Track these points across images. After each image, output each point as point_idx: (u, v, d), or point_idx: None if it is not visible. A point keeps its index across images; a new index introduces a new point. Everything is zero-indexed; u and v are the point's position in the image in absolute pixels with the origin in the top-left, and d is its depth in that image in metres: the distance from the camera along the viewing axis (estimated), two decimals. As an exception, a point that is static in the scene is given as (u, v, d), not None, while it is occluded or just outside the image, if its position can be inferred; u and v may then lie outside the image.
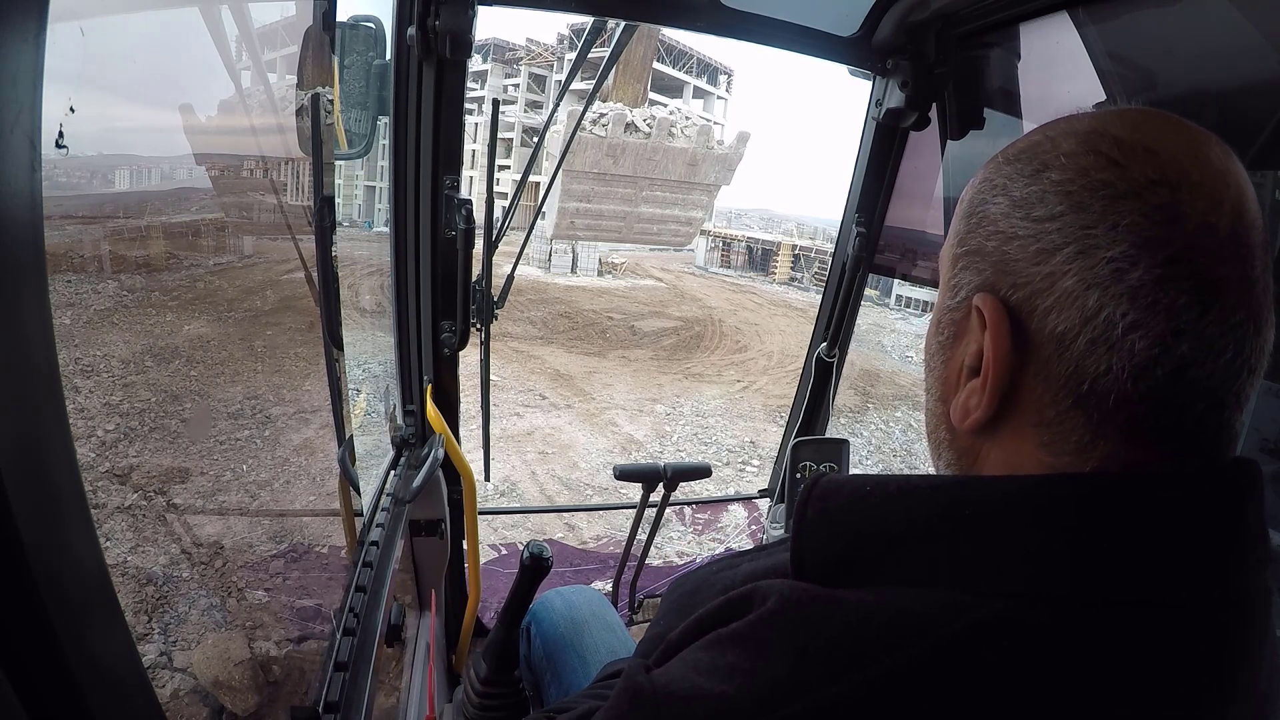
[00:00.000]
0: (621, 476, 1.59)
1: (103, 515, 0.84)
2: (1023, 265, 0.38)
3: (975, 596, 0.34)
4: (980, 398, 0.40)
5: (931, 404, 0.47)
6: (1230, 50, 0.96)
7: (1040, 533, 0.35)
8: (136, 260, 0.88)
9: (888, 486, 0.40)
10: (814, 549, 0.41)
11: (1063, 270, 0.36)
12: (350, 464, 1.02)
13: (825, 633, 0.35)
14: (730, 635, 0.38)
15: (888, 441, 10.46)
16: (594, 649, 1.04)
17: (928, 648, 0.33)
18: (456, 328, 1.30)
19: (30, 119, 0.26)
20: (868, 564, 0.38)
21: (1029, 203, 0.38)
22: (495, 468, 7.44)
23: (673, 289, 22.47)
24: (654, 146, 11.44)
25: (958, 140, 1.46)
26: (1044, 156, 0.39)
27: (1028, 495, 0.37)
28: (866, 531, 0.39)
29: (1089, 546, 0.35)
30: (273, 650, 1.00)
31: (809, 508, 0.41)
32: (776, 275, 27.27)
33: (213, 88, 0.82)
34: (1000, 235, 0.40)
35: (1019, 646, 0.33)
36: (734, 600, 0.41)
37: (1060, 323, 0.36)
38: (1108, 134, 0.37)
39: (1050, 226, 0.37)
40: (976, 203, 0.43)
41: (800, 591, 0.38)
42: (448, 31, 1.07)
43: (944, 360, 0.45)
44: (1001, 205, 0.40)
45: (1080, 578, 0.34)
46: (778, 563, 0.49)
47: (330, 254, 0.91)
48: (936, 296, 0.48)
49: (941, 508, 0.38)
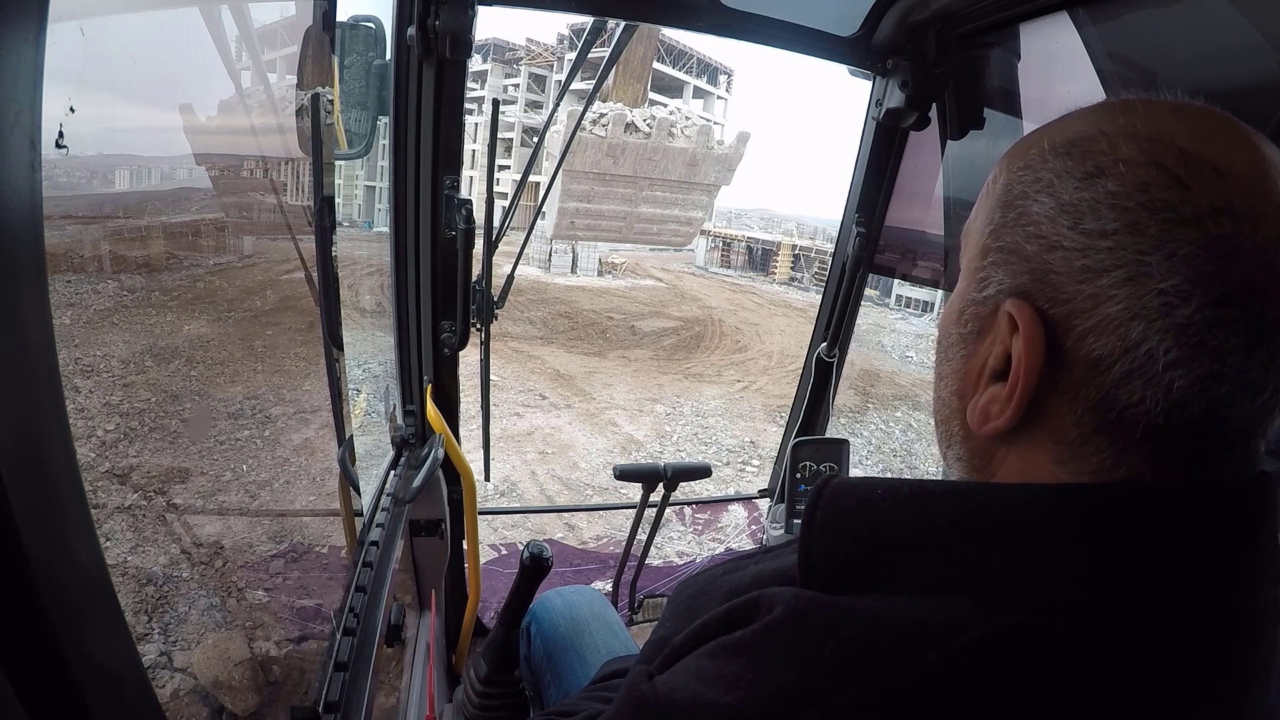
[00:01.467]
0: (621, 476, 1.59)
1: (103, 515, 0.84)
2: (1065, 280, 0.36)
3: (988, 606, 0.34)
4: (1003, 407, 0.38)
5: (945, 395, 0.45)
6: (1230, 50, 0.96)
7: (1057, 543, 0.34)
8: (136, 260, 0.88)
9: (900, 490, 0.39)
10: (822, 553, 0.40)
11: (1108, 294, 0.34)
12: (350, 464, 1.02)
13: (832, 642, 0.34)
14: (735, 643, 0.37)
15: (888, 441, 10.46)
16: (594, 649, 1.04)
17: (939, 659, 0.32)
18: (456, 328, 1.30)
19: (30, 119, 0.26)
20: (877, 570, 0.37)
21: (1079, 211, 0.36)
22: (495, 468, 7.44)
23: (673, 289, 22.46)
24: (654, 146, 11.44)
25: (958, 140, 1.46)
26: (1100, 159, 0.36)
27: (1046, 504, 0.36)
28: (877, 536, 0.38)
29: (1109, 558, 0.34)
30: (273, 650, 1.00)
31: (818, 510, 0.40)
32: (776, 275, 27.27)
33: (213, 88, 0.82)
34: (1042, 241, 0.37)
35: (1033, 659, 0.33)
36: (738, 607, 0.40)
37: (1098, 348, 0.35)
38: (1173, 144, 0.35)
39: (1101, 244, 0.35)
40: (1016, 193, 0.40)
41: (807, 600, 0.37)
42: (448, 31, 1.07)
43: (964, 354, 0.43)
44: (1046, 206, 0.37)
45: (1098, 589, 0.33)
46: (784, 565, 0.48)
47: (330, 254, 0.91)
48: (960, 278, 0.45)
49: (956, 514, 0.37)
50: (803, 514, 0.41)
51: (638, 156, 11.44)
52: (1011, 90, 1.41)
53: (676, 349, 15.21)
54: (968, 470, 0.44)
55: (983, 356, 0.41)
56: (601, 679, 0.78)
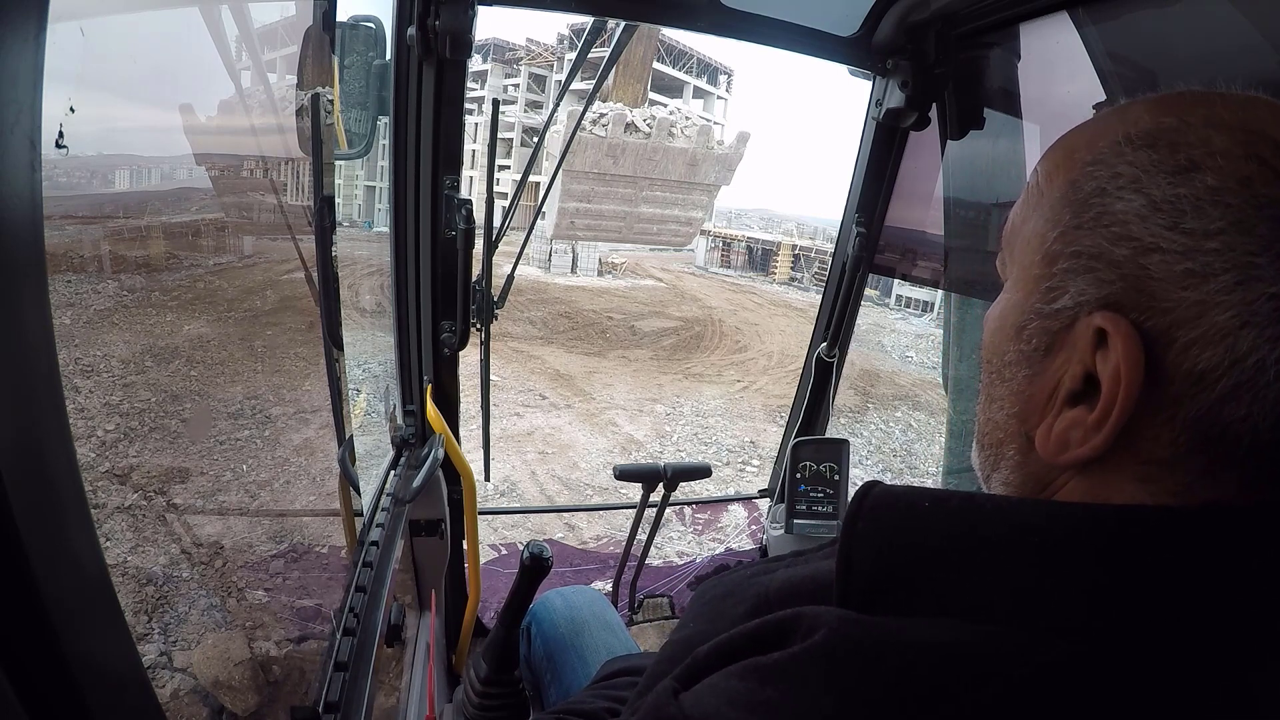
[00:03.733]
0: (621, 476, 1.59)
1: (103, 515, 0.85)
2: (1166, 287, 0.32)
3: (1040, 635, 0.31)
4: (1088, 434, 0.35)
5: (999, 418, 0.41)
6: (1230, 50, 0.96)
7: (1119, 568, 0.32)
8: (136, 260, 0.89)
9: (947, 503, 0.36)
10: (863, 569, 0.37)
11: (1216, 300, 0.31)
12: (350, 464, 1.02)
13: (876, 673, 0.32)
14: (771, 667, 0.34)
15: (888, 441, 10.46)
16: (594, 649, 1.04)
17: (990, 696, 0.30)
18: (456, 328, 1.30)
19: (30, 119, 0.26)
20: (922, 588, 0.35)
21: (1177, 209, 0.33)
22: (495, 468, 7.44)
23: (673, 289, 22.47)
24: (654, 146, 11.46)
25: (958, 140, 1.46)
26: (1191, 152, 0.33)
27: (1106, 526, 0.33)
28: (922, 552, 0.36)
29: (1179, 586, 0.31)
30: (273, 650, 1.00)
31: (859, 521, 0.38)
32: (776, 275, 27.28)
33: (213, 88, 0.82)
34: (1134, 243, 0.34)
35: (1089, 693, 0.30)
36: (771, 626, 0.37)
37: (1202, 361, 0.32)
38: (1266, 135, 0.32)
39: (1207, 245, 0.32)
40: (1089, 190, 0.36)
41: (850, 624, 0.34)
42: (448, 31, 1.07)
43: (1028, 375, 0.39)
44: (1135, 204, 0.34)
45: (1160, 620, 0.31)
46: (817, 572, 0.44)
47: (330, 254, 0.91)
48: (1011, 288, 0.41)
49: (1007, 531, 0.34)
50: (843, 524, 0.38)
51: (638, 156, 11.45)
52: (1011, 90, 1.41)
53: (676, 349, 15.22)
54: (1015, 494, 0.41)
55: (1054, 376, 0.37)
56: (603, 678, 0.78)
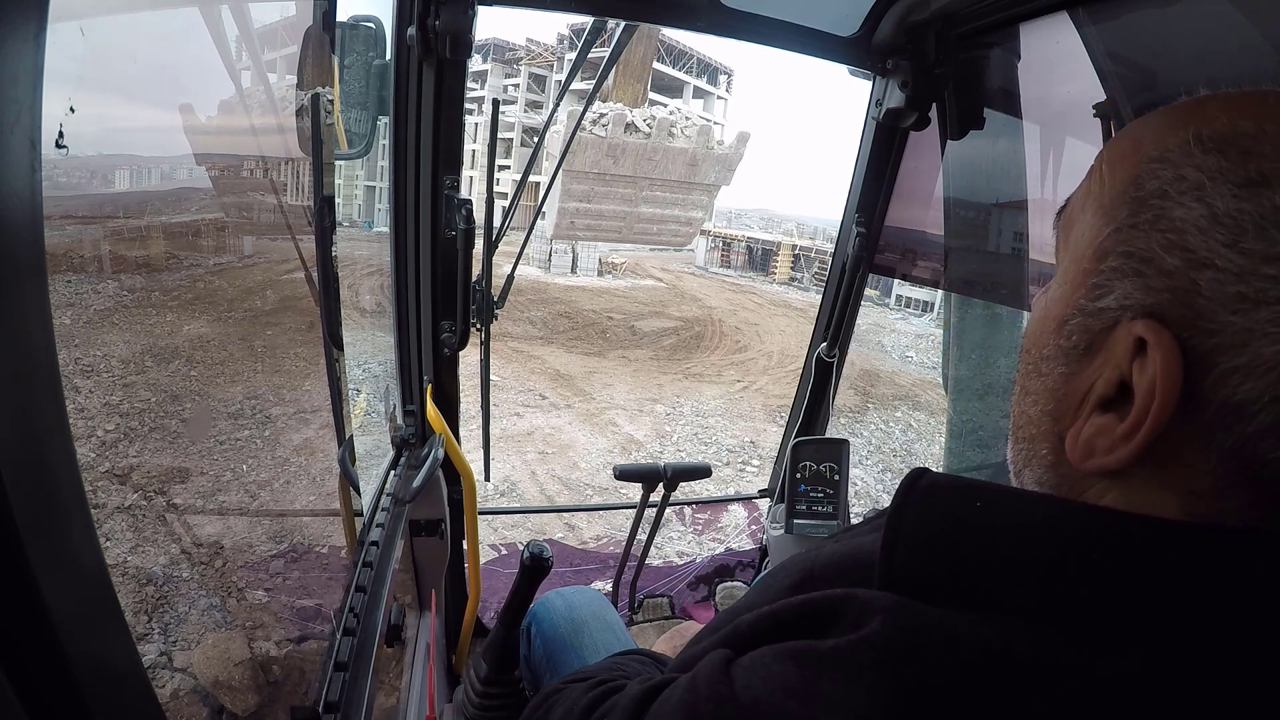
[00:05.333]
0: (621, 476, 1.59)
1: (103, 515, 0.85)
2: (1215, 307, 0.31)
3: (1101, 643, 0.31)
4: (1115, 444, 0.34)
5: (1034, 413, 0.40)
6: (1230, 50, 0.96)
7: (1181, 583, 0.31)
8: (136, 260, 0.88)
9: (997, 497, 0.35)
10: (909, 560, 0.35)
11: (1264, 331, 0.29)
12: (350, 464, 1.02)
13: (938, 670, 0.31)
14: (827, 655, 0.33)
15: (888, 441, 10.46)
16: (594, 649, 1.04)
17: (1050, 702, 0.30)
18: (456, 328, 1.30)
19: (30, 119, 0.26)
20: (971, 581, 0.34)
21: (1239, 226, 0.30)
22: (495, 468, 7.44)
23: (673, 289, 22.47)
24: (654, 146, 11.46)
25: (958, 140, 1.46)
26: (1264, 165, 0.31)
27: (1169, 541, 0.31)
28: (970, 545, 0.34)
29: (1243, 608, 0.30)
30: (273, 650, 1.00)
31: (906, 511, 0.36)
32: (776, 275, 27.29)
33: (213, 88, 0.82)
34: (1188, 255, 0.32)
35: (1146, 712, 0.30)
36: (821, 607, 0.36)
37: (1241, 392, 0.30)
38: None
39: (1264, 270, 0.30)
40: (1151, 190, 0.34)
41: (910, 615, 0.33)
42: (448, 31, 1.07)
43: (1065, 373, 0.37)
44: (1195, 213, 0.32)
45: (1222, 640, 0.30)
46: (860, 549, 0.42)
47: (330, 254, 0.91)
48: (1060, 279, 0.39)
49: (1067, 535, 0.33)
50: (889, 511, 0.37)
51: (638, 156, 11.46)
52: (1011, 90, 1.41)
53: (676, 349, 15.22)
54: (1050, 491, 0.39)
55: (1089, 378, 0.36)
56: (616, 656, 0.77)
